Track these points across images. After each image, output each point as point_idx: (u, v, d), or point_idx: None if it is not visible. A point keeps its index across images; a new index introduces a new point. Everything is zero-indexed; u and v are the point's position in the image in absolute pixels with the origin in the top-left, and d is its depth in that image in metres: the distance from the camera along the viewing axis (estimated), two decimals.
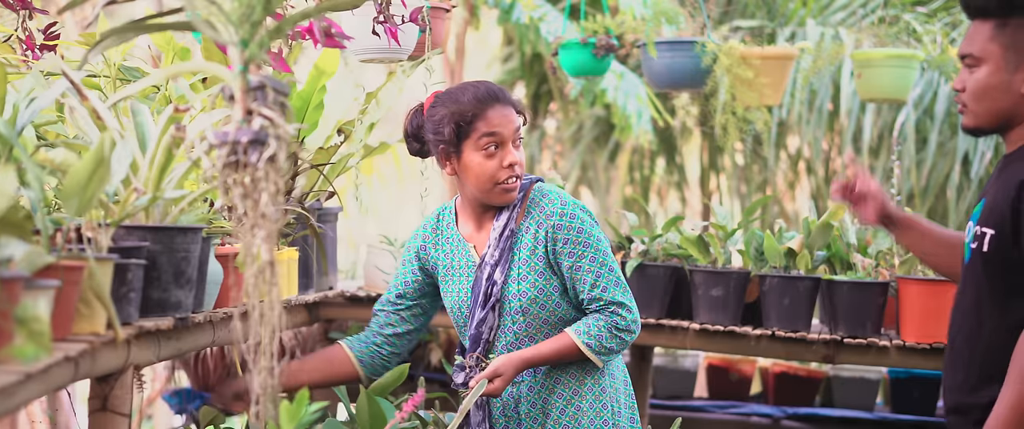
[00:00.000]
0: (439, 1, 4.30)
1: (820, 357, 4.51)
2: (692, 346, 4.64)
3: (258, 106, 2.29)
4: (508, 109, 3.20)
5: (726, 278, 4.55)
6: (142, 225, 2.54)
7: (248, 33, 2.29)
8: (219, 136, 2.24)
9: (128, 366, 2.52)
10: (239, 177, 2.25)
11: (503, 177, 3.17)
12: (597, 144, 9.39)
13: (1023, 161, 2.75)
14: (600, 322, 3.14)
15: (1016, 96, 2.78)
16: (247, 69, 2.28)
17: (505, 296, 3.19)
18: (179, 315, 2.61)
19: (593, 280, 3.15)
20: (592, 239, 3.17)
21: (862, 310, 4.45)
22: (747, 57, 5.08)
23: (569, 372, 3.21)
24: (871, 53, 5.04)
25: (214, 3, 2.29)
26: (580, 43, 5.25)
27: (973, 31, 2.83)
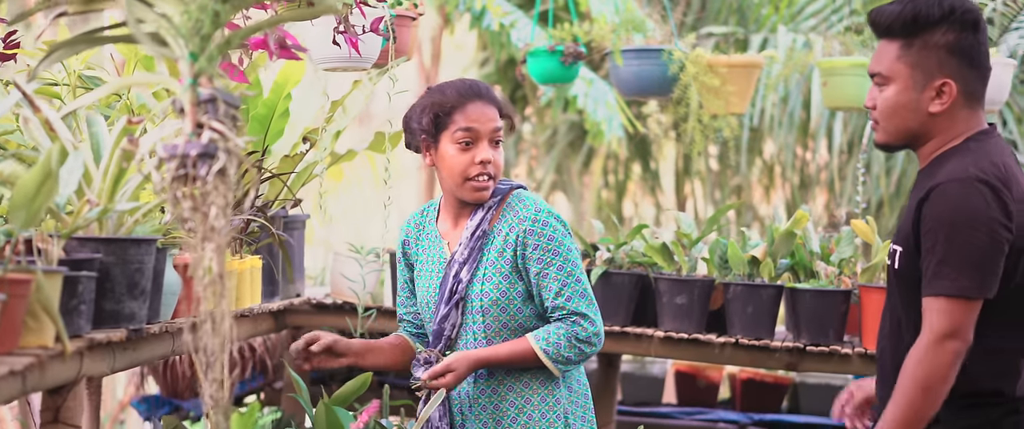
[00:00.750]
0: (405, 9, 4.31)
1: (783, 365, 4.53)
2: (657, 354, 4.66)
3: (208, 119, 2.30)
4: (489, 107, 3.21)
5: (690, 286, 4.57)
6: (95, 237, 2.54)
7: (197, 46, 2.30)
8: (168, 149, 2.25)
9: (80, 378, 2.52)
10: (188, 190, 2.25)
11: (474, 173, 3.18)
12: (571, 149, 9.42)
13: (929, 179, 2.78)
14: (561, 330, 3.14)
15: (923, 114, 2.81)
16: (197, 82, 2.29)
17: (469, 295, 3.19)
18: (133, 327, 2.62)
19: (558, 288, 3.15)
20: (562, 248, 3.17)
21: (825, 318, 4.48)
22: (714, 65, 5.11)
23: (523, 380, 3.20)
24: (836, 61, 5.07)
25: (164, 16, 2.30)
26: (548, 51, 5.27)
27: (881, 50, 2.86)
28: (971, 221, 2.67)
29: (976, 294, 2.67)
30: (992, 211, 2.67)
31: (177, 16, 2.28)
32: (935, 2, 2.80)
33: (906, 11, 2.80)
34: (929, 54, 2.78)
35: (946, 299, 2.67)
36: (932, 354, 2.67)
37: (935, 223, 2.70)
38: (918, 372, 2.67)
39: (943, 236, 2.68)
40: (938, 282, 2.68)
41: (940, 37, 2.78)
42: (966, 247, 2.66)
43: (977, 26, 2.79)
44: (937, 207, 2.70)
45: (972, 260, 2.66)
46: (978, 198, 2.68)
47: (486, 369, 3.20)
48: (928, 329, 2.69)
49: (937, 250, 2.68)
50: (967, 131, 2.82)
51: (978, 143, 2.79)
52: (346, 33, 3.27)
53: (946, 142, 2.82)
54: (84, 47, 2.31)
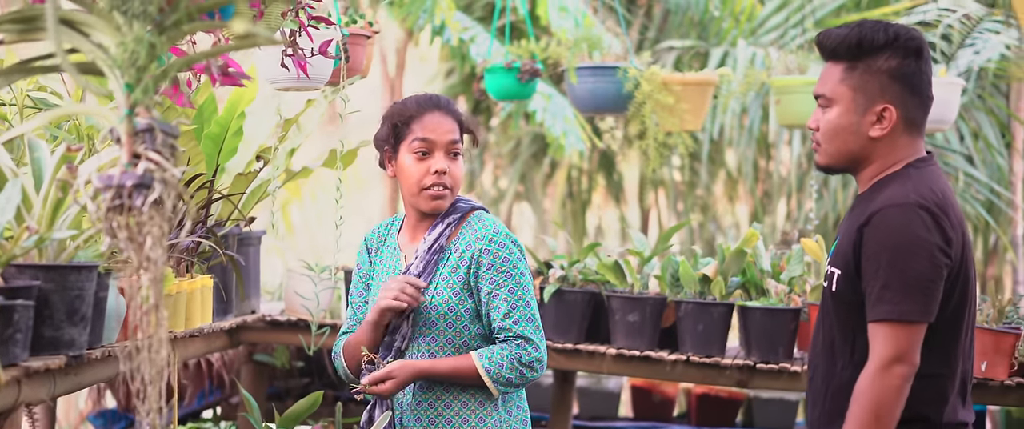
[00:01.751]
0: (359, 28, 4.33)
1: (734, 382, 4.57)
2: (609, 371, 4.69)
3: (145, 149, 2.31)
4: (447, 119, 3.24)
5: (642, 304, 4.61)
6: (34, 264, 2.55)
7: (133, 77, 2.31)
8: (103, 180, 2.26)
9: (19, 405, 2.53)
10: (124, 221, 2.27)
11: (429, 183, 3.21)
12: (535, 160, 9.45)
13: (869, 203, 2.81)
14: (504, 351, 3.16)
15: (864, 138, 2.85)
16: (133, 112, 2.30)
17: (419, 307, 3.22)
18: (72, 353, 2.62)
19: (506, 310, 3.17)
20: (515, 272, 3.19)
21: (775, 335, 4.52)
22: (668, 83, 5.15)
23: (461, 399, 3.21)
24: (789, 80, 5.11)
25: (99, 46, 2.32)
26: (505, 68, 5.30)
27: (826, 73, 2.90)
28: (912, 246, 2.71)
29: (919, 318, 2.71)
30: (932, 237, 2.71)
31: (113, 47, 2.29)
32: (880, 28, 2.84)
33: (851, 35, 2.84)
34: (872, 78, 2.82)
35: (890, 324, 2.71)
36: (880, 380, 2.70)
37: (877, 248, 2.73)
38: (868, 399, 2.71)
39: (885, 261, 2.72)
40: (881, 306, 2.72)
41: (883, 62, 2.82)
42: (908, 272, 2.70)
43: (920, 54, 2.84)
44: (879, 232, 2.74)
45: (914, 285, 2.70)
46: (919, 224, 2.72)
47: (427, 381, 3.22)
48: (875, 355, 2.73)
49: (880, 275, 2.72)
50: (907, 158, 2.86)
51: (918, 170, 2.83)
52: (294, 56, 3.28)
53: (886, 168, 2.86)
54: (18, 77, 2.32)
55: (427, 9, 5.89)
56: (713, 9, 8.12)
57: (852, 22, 2.90)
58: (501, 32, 7.29)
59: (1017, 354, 4.21)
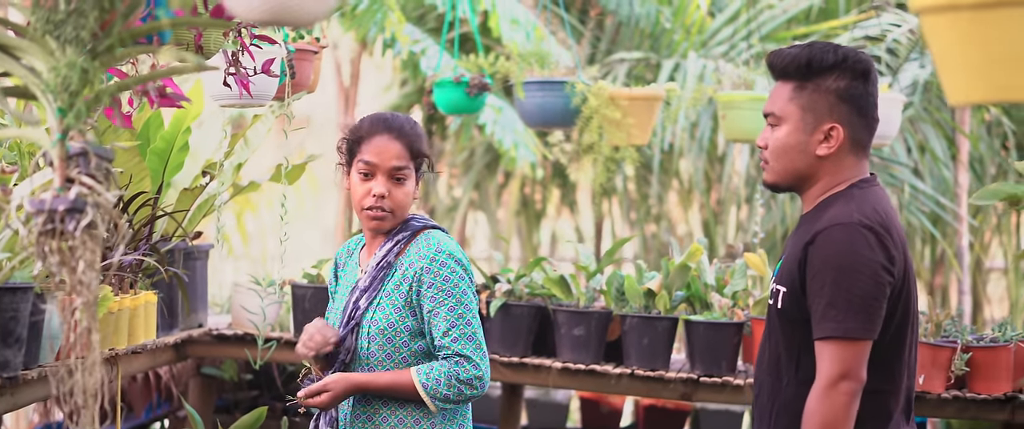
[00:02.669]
0: (306, 43, 4.35)
1: (678, 395, 4.62)
2: (555, 384, 4.72)
3: (78, 173, 2.32)
4: (395, 143, 3.25)
5: (588, 318, 4.65)
6: None
7: (66, 102, 2.32)
8: (35, 204, 2.27)
9: None
10: (56, 245, 2.28)
11: (368, 204, 3.24)
12: (488, 170, 9.47)
13: (814, 222, 2.86)
14: (443, 368, 3.19)
15: (811, 156, 2.90)
16: (65, 137, 2.31)
17: (362, 321, 3.25)
18: (7, 374, 2.63)
19: (446, 328, 3.19)
20: (457, 291, 3.22)
21: (718, 349, 4.57)
22: (615, 98, 5.19)
23: (398, 415, 3.23)
24: (735, 95, 5.16)
25: (32, 70, 2.33)
26: (453, 82, 5.32)
27: (775, 92, 2.95)
28: (856, 265, 2.75)
29: (863, 335, 2.75)
30: (876, 255, 2.76)
31: (46, 71, 2.30)
32: (829, 49, 2.89)
33: (801, 55, 2.89)
34: (820, 98, 2.87)
35: (835, 342, 2.75)
36: (829, 397, 2.75)
37: (821, 266, 2.78)
38: (819, 417, 2.75)
39: (830, 279, 2.76)
40: (826, 324, 2.76)
41: (832, 82, 2.87)
42: (852, 290, 2.74)
43: (867, 76, 2.89)
44: (823, 251, 2.78)
45: (858, 303, 2.74)
46: (862, 243, 2.76)
47: (366, 395, 3.24)
48: (822, 374, 2.77)
49: (825, 293, 2.77)
50: (852, 178, 2.91)
51: (862, 190, 2.88)
52: (236, 75, 3.29)
53: (831, 187, 2.91)
54: None
55: (377, 22, 5.90)
56: (664, 21, 8.17)
57: (802, 43, 2.95)
58: (451, 45, 7.32)
59: (953, 367, 4.28)
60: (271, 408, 5.48)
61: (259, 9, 1.77)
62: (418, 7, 7.92)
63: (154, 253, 3.95)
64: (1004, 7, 1.83)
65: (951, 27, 1.87)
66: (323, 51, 4.44)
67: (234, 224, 10.31)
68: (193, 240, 4.53)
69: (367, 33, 6.49)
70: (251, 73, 3.54)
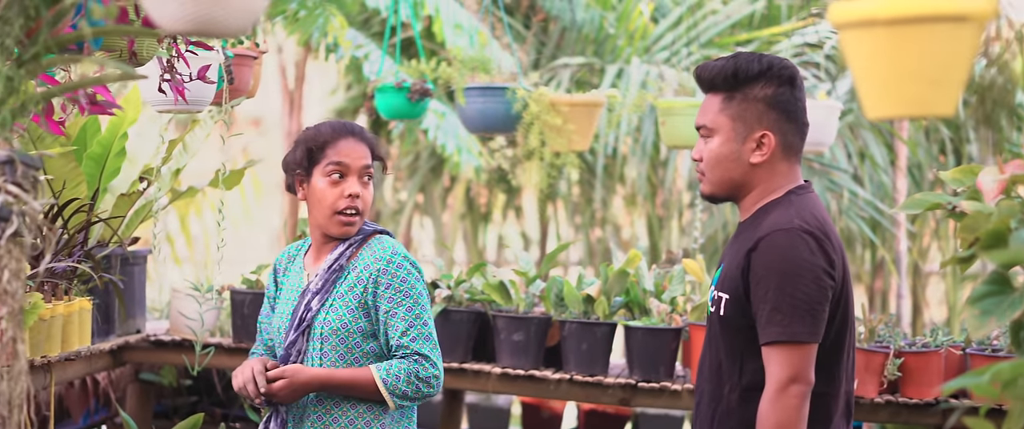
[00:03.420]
0: (245, 49, 4.34)
1: (617, 400, 4.65)
2: (495, 390, 4.74)
3: (4, 182, 2.31)
4: (362, 145, 3.31)
5: (527, 323, 4.67)
6: None
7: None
8: None
9: None
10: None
11: (342, 206, 3.26)
12: (433, 174, 9.48)
13: (753, 229, 2.91)
14: (403, 366, 3.23)
15: (745, 165, 2.95)
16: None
17: (314, 322, 3.26)
18: None
19: (405, 328, 3.23)
20: (413, 292, 3.26)
21: (656, 354, 4.60)
22: (556, 104, 5.22)
23: (349, 416, 3.25)
24: (673, 102, 5.20)
25: None
26: (395, 87, 5.33)
27: (706, 104, 2.99)
28: (798, 270, 2.80)
29: (809, 338, 2.80)
30: (817, 260, 2.81)
31: None
32: (754, 58, 2.94)
33: (727, 66, 2.94)
34: (749, 107, 2.92)
35: (782, 346, 2.80)
36: (779, 401, 2.79)
37: (765, 272, 2.82)
38: (772, 421, 2.79)
39: (774, 284, 2.81)
40: (772, 329, 2.81)
41: (759, 91, 2.92)
42: (796, 294, 2.79)
43: (793, 82, 2.95)
44: (766, 257, 2.83)
45: (802, 306, 2.79)
46: (804, 248, 2.82)
47: (319, 394, 3.25)
48: (771, 378, 2.81)
49: (769, 298, 2.81)
50: (787, 185, 2.96)
51: (798, 196, 2.93)
52: (171, 82, 3.28)
53: (767, 194, 2.95)
54: None
55: (320, 27, 5.90)
56: (608, 27, 8.22)
57: (727, 55, 3.00)
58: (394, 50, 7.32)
59: (886, 372, 4.34)
60: (210, 414, 5.46)
61: (182, 20, 1.77)
62: (363, 12, 7.92)
63: (89, 259, 3.92)
64: (919, 23, 1.87)
65: (868, 42, 1.90)
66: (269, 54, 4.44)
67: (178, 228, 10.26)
68: (130, 246, 4.51)
69: (310, 37, 6.48)
70: (186, 79, 3.54)
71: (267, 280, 3.52)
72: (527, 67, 8.03)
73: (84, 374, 4.50)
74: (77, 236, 3.94)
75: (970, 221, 2.42)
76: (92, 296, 4.13)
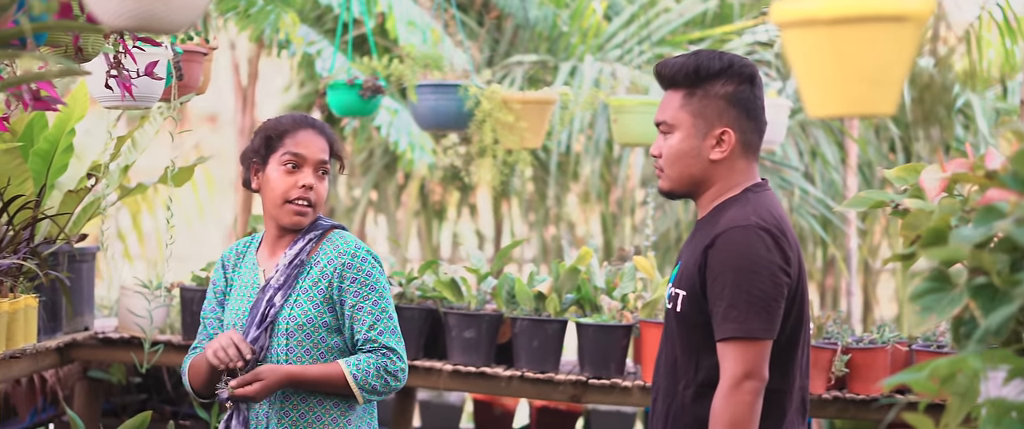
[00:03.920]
0: (195, 45, 4.31)
1: (568, 397, 4.66)
2: (446, 387, 4.74)
3: None
4: (321, 139, 3.31)
5: (479, 320, 4.67)
6: None
7: None
8: None
9: None
10: None
11: (294, 196, 3.26)
12: (387, 171, 9.46)
13: (711, 226, 2.92)
14: (371, 360, 3.23)
15: (705, 161, 2.96)
16: None
17: (277, 319, 3.24)
18: None
19: (371, 322, 3.24)
20: (378, 285, 3.27)
21: (607, 351, 4.62)
22: (508, 101, 5.22)
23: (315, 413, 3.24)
24: (625, 100, 5.22)
25: None
26: (347, 84, 5.31)
27: (666, 100, 3.01)
28: (755, 266, 2.82)
29: (764, 335, 2.82)
30: (773, 257, 2.84)
31: None
32: (715, 56, 2.97)
33: (688, 63, 2.96)
34: (710, 103, 2.94)
35: (738, 342, 2.82)
36: (734, 397, 2.81)
37: (721, 268, 2.84)
38: (726, 417, 2.81)
39: (730, 281, 2.83)
40: (727, 325, 2.82)
41: (720, 88, 2.94)
42: (752, 291, 2.81)
43: (753, 80, 2.97)
44: (723, 253, 2.85)
45: (758, 303, 2.81)
46: (760, 245, 2.84)
47: (285, 390, 3.24)
48: (726, 374, 2.83)
49: (725, 294, 2.83)
50: (745, 182, 2.98)
51: (756, 194, 2.96)
52: (117, 78, 3.25)
53: (725, 191, 2.97)
54: None
55: (271, 23, 5.87)
56: (561, 24, 8.23)
57: (688, 52, 3.01)
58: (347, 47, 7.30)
59: (834, 369, 4.38)
60: (159, 412, 5.42)
61: (123, 16, 1.76)
62: (315, 8, 7.89)
63: (35, 256, 3.89)
64: (859, 23, 1.89)
65: (809, 41, 1.92)
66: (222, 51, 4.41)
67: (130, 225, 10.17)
68: (78, 243, 4.47)
69: (262, 33, 6.45)
70: (134, 75, 3.51)
71: (214, 275, 3.49)
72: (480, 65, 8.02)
73: (30, 372, 4.46)
74: (23, 233, 3.90)
75: (912, 219, 2.44)
76: (39, 293, 4.09)
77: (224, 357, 3.18)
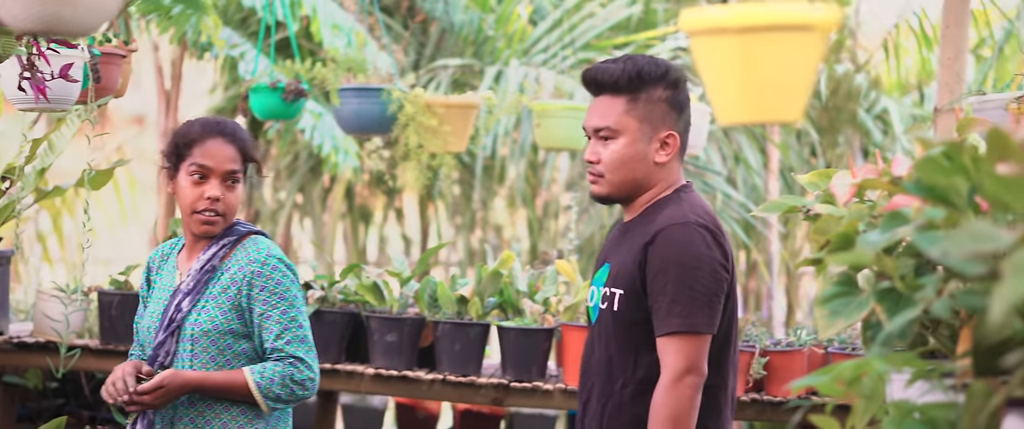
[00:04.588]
0: (114, 47, 4.26)
1: (490, 400, 4.67)
2: (368, 390, 4.73)
3: None
4: (229, 147, 3.25)
5: (401, 324, 4.67)
6: None
7: None
8: None
9: None
10: None
11: (201, 207, 3.22)
12: (313, 174, 9.42)
13: (646, 225, 2.95)
14: (277, 368, 3.20)
15: (650, 165, 2.99)
16: None
17: (184, 324, 3.21)
18: None
19: (279, 331, 3.20)
20: (288, 294, 3.23)
21: (529, 355, 4.63)
22: (432, 105, 5.23)
23: (222, 419, 3.22)
24: (548, 104, 5.26)
25: None
26: (269, 87, 5.29)
27: (605, 106, 2.99)
28: (696, 262, 2.87)
29: (706, 329, 2.87)
30: (714, 253, 2.89)
31: None
32: (652, 61, 3.00)
33: (629, 69, 2.97)
34: (654, 108, 2.97)
35: (680, 336, 2.85)
36: (675, 391, 2.84)
37: (663, 264, 2.88)
38: (667, 411, 2.84)
39: (673, 276, 2.86)
40: (670, 320, 2.85)
41: (661, 93, 2.97)
42: (695, 286, 2.85)
43: (685, 84, 3.03)
44: (664, 250, 2.88)
45: (701, 298, 2.85)
46: (700, 241, 2.89)
47: (192, 396, 3.21)
48: (667, 369, 2.85)
49: (668, 290, 2.86)
50: (676, 183, 3.03)
51: (687, 194, 3.01)
52: (31, 80, 3.21)
53: (660, 192, 3.01)
54: None
55: (193, 25, 5.82)
56: (487, 29, 8.25)
57: (619, 57, 3.02)
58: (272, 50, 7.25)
59: (752, 371, 4.43)
60: (76, 417, 5.35)
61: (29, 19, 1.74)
62: (239, 11, 7.84)
63: None
64: (767, 31, 1.92)
65: (718, 49, 1.94)
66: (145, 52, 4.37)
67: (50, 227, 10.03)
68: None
69: (184, 36, 6.39)
70: (48, 78, 3.47)
71: (142, 278, 3.46)
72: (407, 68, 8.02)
73: None
74: None
75: (822, 224, 2.48)
76: None
77: (113, 391, 3.15)
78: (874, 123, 7.89)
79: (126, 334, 4.73)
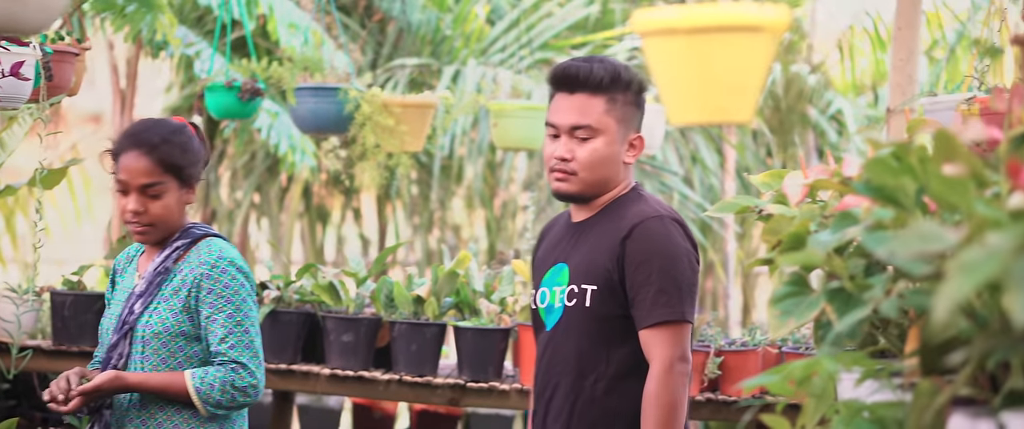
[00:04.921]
0: (66, 45, 4.23)
1: (446, 400, 4.67)
2: (324, 391, 4.73)
3: None
4: (143, 158, 3.19)
5: (357, 324, 4.66)
6: None
7: None
8: None
9: None
10: None
11: (127, 218, 3.22)
12: (270, 173, 9.37)
13: (614, 222, 2.97)
14: (218, 373, 3.17)
15: (620, 165, 3.02)
16: None
17: (136, 326, 3.20)
18: None
19: (224, 335, 3.17)
20: (236, 298, 3.20)
21: (485, 355, 4.64)
22: (388, 105, 5.22)
23: (173, 421, 3.20)
24: (505, 104, 5.26)
25: None
26: (225, 86, 5.26)
27: (583, 104, 2.97)
28: (676, 253, 2.92)
29: (692, 318, 2.93)
30: (687, 245, 2.96)
31: None
32: (620, 63, 3.05)
33: (608, 69, 2.99)
34: (628, 109, 3.01)
35: (670, 326, 2.89)
36: (668, 380, 2.88)
37: (645, 257, 2.91)
38: (662, 400, 2.87)
39: (656, 267, 2.90)
40: (659, 310, 2.89)
41: (632, 95, 3.02)
42: (679, 277, 2.91)
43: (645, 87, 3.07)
44: (644, 243, 2.92)
45: (686, 288, 2.92)
46: (676, 234, 2.94)
47: (140, 397, 3.19)
48: (659, 358, 2.89)
49: (652, 281, 2.90)
50: (631, 182, 3.07)
51: (644, 192, 3.07)
52: None
53: (620, 192, 3.04)
54: None
55: (148, 23, 5.78)
56: (445, 28, 8.25)
57: (587, 58, 3.03)
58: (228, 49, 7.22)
59: (707, 371, 4.45)
60: (28, 418, 5.30)
61: None
62: (195, 9, 7.79)
63: None
64: (719, 32, 1.93)
65: (669, 49, 1.95)
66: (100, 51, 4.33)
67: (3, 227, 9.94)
68: None
69: (139, 34, 6.35)
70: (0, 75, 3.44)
71: (108, 281, 3.46)
72: (364, 68, 8.01)
73: None
74: None
75: (773, 224, 2.49)
76: None
77: (55, 390, 3.12)
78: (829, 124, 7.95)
79: (79, 335, 4.69)
